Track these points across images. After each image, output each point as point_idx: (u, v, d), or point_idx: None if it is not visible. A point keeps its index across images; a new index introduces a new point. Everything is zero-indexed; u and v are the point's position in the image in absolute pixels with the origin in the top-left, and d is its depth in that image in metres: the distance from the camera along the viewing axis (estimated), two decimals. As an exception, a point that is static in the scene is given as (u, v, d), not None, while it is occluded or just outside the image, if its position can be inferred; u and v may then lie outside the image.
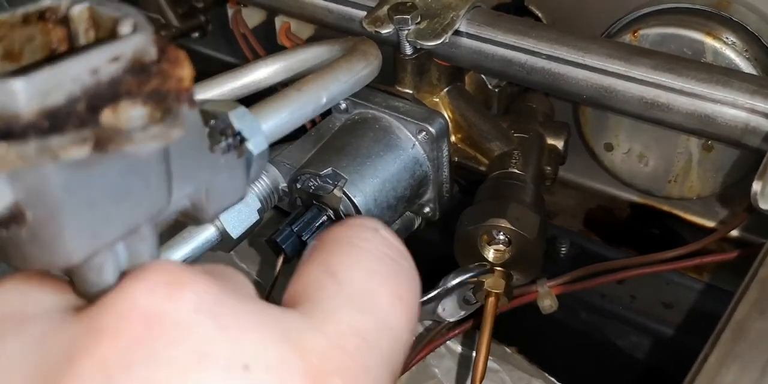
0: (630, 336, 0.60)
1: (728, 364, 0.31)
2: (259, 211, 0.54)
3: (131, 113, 0.22)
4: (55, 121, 0.21)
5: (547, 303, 0.43)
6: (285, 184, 0.55)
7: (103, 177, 0.24)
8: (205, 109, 0.32)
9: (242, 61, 0.74)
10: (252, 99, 0.54)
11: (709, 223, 0.67)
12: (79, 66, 0.22)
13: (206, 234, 0.53)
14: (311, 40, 0.65)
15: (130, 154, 0.23)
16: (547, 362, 0.61)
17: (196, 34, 0.81)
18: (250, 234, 0.55)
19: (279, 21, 0.66)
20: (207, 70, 0.64)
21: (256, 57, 0.65)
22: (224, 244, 0.54)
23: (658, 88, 0.49)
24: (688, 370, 0.36)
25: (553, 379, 0.50)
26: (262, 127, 0.35)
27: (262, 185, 0.55)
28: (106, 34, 0.24)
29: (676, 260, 0.45)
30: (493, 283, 0.52)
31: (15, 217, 0.23)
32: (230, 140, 0.30)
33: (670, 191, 0.63)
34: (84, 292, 0.27)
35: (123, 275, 0.28)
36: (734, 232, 0.62)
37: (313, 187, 0.52)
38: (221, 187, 0.31)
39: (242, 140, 0.31)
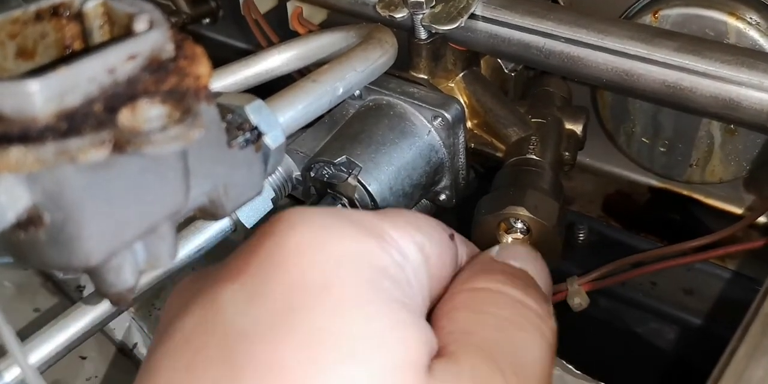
0: (650, 323, 0.59)
1: (758, 358, 0.31)
2: (273, 200, 0.54)
3: (150, 113, 0.22)
4: (72, 123, 0.21)
5: (577, 301, 0.42)
6: (299, 173, 0.55)
7: (121, 177, 0.23)
8: (221, 103, 0.31)
9: (255, 46, 0.73)
10: (265, 87, 0.54)
11: (733, 209, 0.65)
12: (95, 65, 0.21)
13: (220, 224, 0.52)
14: (324, 26, 0.64)
15: (149, 154, 0.22)
16: (565, 349, 0.60)
17: (207, 21, 0.81)
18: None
19: (291, 6, 0.65)
20: (219, 56, 0.63)
21: (269, 43, 0.64)
22: (238, 233, 0.54)
23: (681, 70, 0.48)
24: (710, 357, 0.35)
25: (570, 367, 0.49)
26: (279, 121, 0.34)
27: (275, 174, 0.55)
28: (121, 31, 0.24)
29: (703, 249, 0.44)
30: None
31: (33, 219, 0.23)
32: (248, 135, 0.30)
33: (691, 176, 0.62)
34: (103, 292, 0.27)
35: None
36: (762, 219, 0.60)
37: (327, 176, 0.52)
38: (239, 182, 0.30)
39: (259, 135, 0.31)
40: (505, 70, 0.63)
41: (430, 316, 0.32)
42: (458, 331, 0.30)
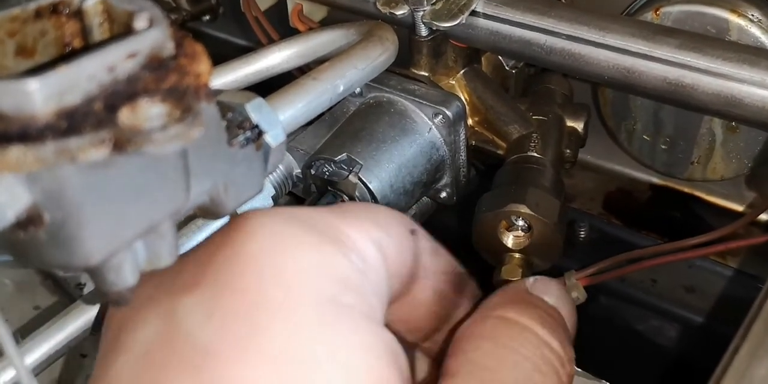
0: (651, 320, 0.59)
1: (761, 356, 0.31)
2: (274, 198, 0.54)
3: (150, 112, 0.21)
4: (72, 122, 0.20)
5: (575, 295, 0.42)
6: (299, 170, 0.55)
7: (121, 176, 0.23)
8: (221, 101, 0.31)
9: (255, 43, 0.73)
10: (266, 84, 0.53)
11: (734, 206, 0.65)
12: (95, 63, 0.21)
13: (220, 222, 0.52)
14: (324, 23, 0.63)
15: (149, 153, 0.22)
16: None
17: (207, 17, 0.80)
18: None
19: (291, 3, 0.65)
20: (219, 53, 0.63)
21: (270, 40, 0.64)
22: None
23: (683, 68, 0.48)
24: (711, 354, 0.35)
25: (572, 364, 0.49)
26: (280, 119, 0.34)
27: (276, 171, 0.55)
28: (121, 28, 0.24)
29: (703, 246, 0.44)
30: (509, 270, 0.51)
31: (32, 218, 0.23)
32: (248, 133, 0.30)
33: (692, 173, 0.62)
34: (103, 292, 0.27)
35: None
36: (763, 216, 0.60)
37: (327, 173, 0.52)
38: (239, 181, 0.30)
39: (260, 133, 0.31)
40: (506, 68, 0.63)
41: (449, 342, 0.32)
42: (477, 363, 0.30)
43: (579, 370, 0.49)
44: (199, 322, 0.26)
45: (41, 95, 0.20)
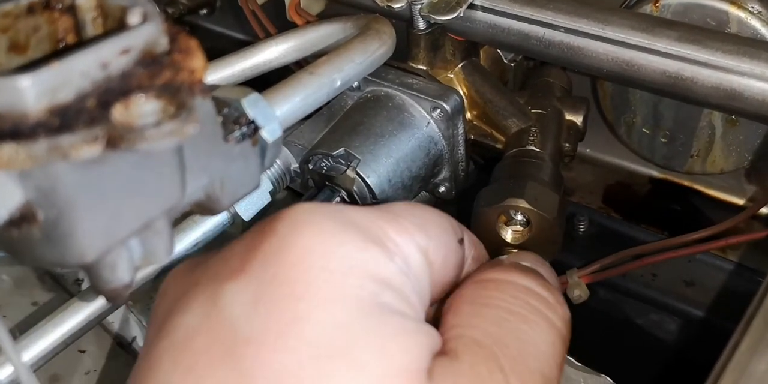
0: (651, 314, 0.59)
1: (761, 352, 0.31)
2: (271, 193, 0.54)
3: (144, 108, 0.21)
4: (65, 119, 0.20)
5: (577, 293, 0.42)
6: (297, 165, 0.54)
7: (115, 173, 0.23)
8: (216, 96, 0.31)
9: (252, 37, 0.72)
10: (262, 79, 0.53)
11: (734, 199, 0.65)
12: (88, 60, 0.21)
13: (218, 218, 0.52)
14: (322, 16, 0.63)
15: (143, 150, 0.22)
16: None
17: (204, 11, 0.80)
18: (263, 216, 0.54)
19: (288, -4, 0.64)
20: (216, 47, 0.63)
21: (267, 34, 0.63)
22: (236, 226, 0.54)
23: (682, 60, 0.47)
24: (711, 348, 0.35)
25: (571, 358, 0.49)
26: (276, 114, 0.34)
27: (273, 166, 0.55)
28: (115, 24, 0.23)
29: (705, 241, 0.44)
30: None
31: (26, 216, 0.22)
32: (244, 129, 0.29)
33: (692, 166, 0.62)
34: (99, 289, 0.27)
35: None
36: (764, 210, 0.60)
37: (325, 168, 0.51)
38: (236, 176, 0.30)
39: (256, 128, 0.30)
40: (505, 61, 0.62)
41: (438, 314, 0.32)
42: (460, 325, 0.30)
43: (579, 364, 0.49)
44: (242, 310, 0.26)
45: (33, 92, 0.20)
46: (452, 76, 0.58)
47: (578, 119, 0.59)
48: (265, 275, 0.27)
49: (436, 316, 0.34)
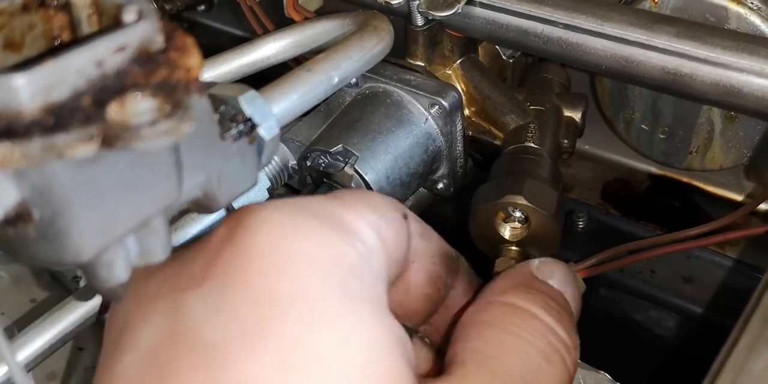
0: (649, 311, 0.59)
1: (759, 350, 0.30)
2: (269, 190, 0.53)
3: (139, 107, 0.21)
4: (59, 118, 0.20)
5: (573, 287, 0.42)
6: (295, 162, 0.54)
7: (111, 172, 0.23)
8: (213, 94, 0.30)
9: (250, 33, 0.72)
10: (260, 75, 0.53)
11: (733, 196, 0.65)
12: (83, 58, 0.21)
13: (215, 215, 0.52)
14: (320, 13, 0.63)
15: (139, 149, 0.22)
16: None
17: (202, 7, 0.80)
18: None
19: (286, -8, 0.64)
20: (214, 43, 0.63)
21: (265, 30, 0.63)
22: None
23: (681, 57, 0.47)
24: (709, 344, 0.35)
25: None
26: (273, 111, 0.33)
27: (271, 163, 0.54)
28: (110, 21, 0.23)
29: (703, 237, 0.43)
30: (503, 264, 0.51)
31: (22, 215, 0.22)
32: (241, 127, 0.29)
33: (691, 163, 0.62)
34: (95, 288, 0.26)
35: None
36: (763, 206, 0.60)
37: (323, 165, 0.51)
38: (233, 174, 0.30)
39: (253, 126, 0.30)
40: (503, 57, 0.62)
41: (453, 328, 0.32)
42: (481, 350, 0.30)
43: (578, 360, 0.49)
44: (205, 318, 0.25)
45: (28, 90, 0.20)
46: (450, 72, 0.58)
47: (577, 115, 0.59)
48: (227, 281, 0.26)
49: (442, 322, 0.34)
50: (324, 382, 0.25)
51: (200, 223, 0.51)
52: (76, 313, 0.43)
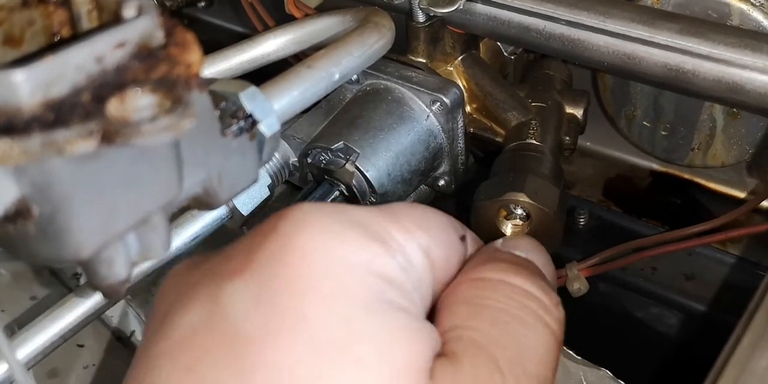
0: (651, 308, 0.59)
1: (763, 347, 0.30)
2: (270, 187, 0.53)
3: (139, 102, 0.21)
4: (59, 114, 0.20)
5: (576, 286, 0.42)
6: (295, 159, 0.54)
7: (111, 168, 0.23)
8: (214, 90, 0.30)
9: (250, 30, 0.72)
10: (260, 72, 0.53)
11: (735, 193, 0.65)
12: (82, 53, 0.21)
13: (216, 212, 0.52)
14: (320, 9, 0.63)
15: (139, 145, 0.22)
16: (565, 335, 0.60)
17: (203, 4, 0.80)
18: (261, 210, 0.54)
19: (286, -12, 0.64)
20: (214, 39, 0.62)
21: (265, 27, 0.63)
22: (234, 221, 0.54)
23: (684, 53, 0.47)
24: (711, 342, 0.35)
25: (571, 352, 0.49)
26: (274, 108, 0.33)
27: (272, 160, 0.54)
28: (110, 17, 0.23)
29: (704, 234, 0.43)
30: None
31: (21, 212, 0.22)
32: (242, 123, 0.29)
33: (693, 160, 0.62)
34: (95, 285, 0.26)
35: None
36: (765, 203, 0.60)
37: (324, 162, 0.51)
38: (233, 171, 0.30)
39: (254, 122, 0.30)
40: (505, 53, 0.62)
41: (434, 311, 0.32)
42: (459, 326, 0.29)
43: (578, 357, 0.49)
44: (243, 309, 0.26)
45: (27, 86, 0.20)
46: (452, 69, 0.58)
47: (578, 112, 0.59)
48: (267, 274, 0.27)
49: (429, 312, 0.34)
50: (354, 374, 0.25)
51: (201, 220, 0.51)
52: (76, 310, 0.43)
